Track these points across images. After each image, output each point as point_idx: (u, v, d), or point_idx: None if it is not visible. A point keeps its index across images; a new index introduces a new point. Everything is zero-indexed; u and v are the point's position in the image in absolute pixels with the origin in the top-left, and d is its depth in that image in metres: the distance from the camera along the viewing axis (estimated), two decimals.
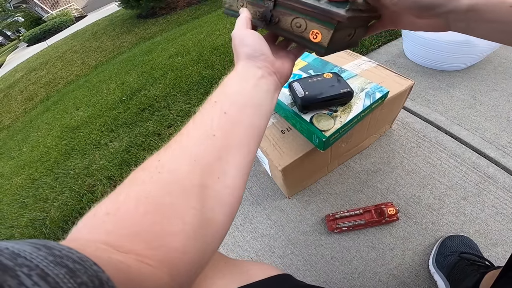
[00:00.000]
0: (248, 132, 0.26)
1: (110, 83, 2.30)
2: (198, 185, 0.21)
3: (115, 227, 0.19)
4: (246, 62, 0.29)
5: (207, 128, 0.24)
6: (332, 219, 0.67)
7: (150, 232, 0.19)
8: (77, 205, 1.12)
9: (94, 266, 0.14)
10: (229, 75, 0.29)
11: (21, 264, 0.12)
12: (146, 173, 0.21)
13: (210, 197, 0.22)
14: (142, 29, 4.05)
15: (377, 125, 0.74)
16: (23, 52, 8.66)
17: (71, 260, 0.13)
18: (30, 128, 2.37)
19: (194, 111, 0.80)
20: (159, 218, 0.19)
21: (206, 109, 0.26)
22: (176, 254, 0.19)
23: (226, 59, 1.65)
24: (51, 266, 0.12)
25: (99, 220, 0.19)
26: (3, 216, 1.34)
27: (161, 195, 0.20)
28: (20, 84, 4.23)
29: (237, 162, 0.24)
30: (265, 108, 0.28)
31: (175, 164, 0.21)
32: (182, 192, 0.20)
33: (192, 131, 0.24)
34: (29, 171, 1.61)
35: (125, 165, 1.18)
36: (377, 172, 0.76)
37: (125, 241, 0.18)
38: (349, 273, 0.61)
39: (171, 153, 0.22)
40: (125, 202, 0.20)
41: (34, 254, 0.13)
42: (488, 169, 0.69)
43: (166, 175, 0.21)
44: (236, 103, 0.26)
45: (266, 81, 0.29)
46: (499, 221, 0.61)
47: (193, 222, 0.20)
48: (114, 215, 0.19)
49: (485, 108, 0.82)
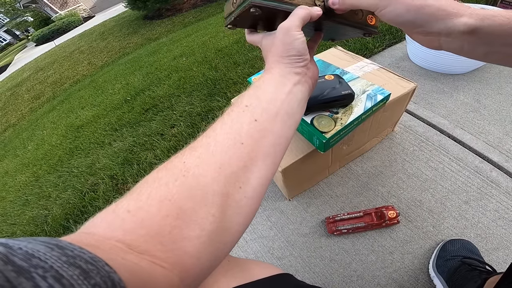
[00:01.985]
0: (276, 142, 0.25)
1: (116, 83, 2.33)
2: (220, 193, 0.21)
3: (134, 226, 0.18)
4: (285, 66, 0.28)
5: (235, 135, 0.23)
6: (332, 221, 0.67)
7: (168, 235, 0.19)
8: (79, 203, 1.13)
9: (106, 266, 0.14)
10: (264, 76, 0.28)
11: (36, 265, 0.12)
12: (170, 174, 0.21)
13: (230, 206, 0.22)
14: (148, 30, 4.10)
15: (379, 128, 0.74)
16: (31, 51, 8.82)
17: (83, 261, 0.13)
18: (35, 127, 2.41)
19: (196, 111, 0.80)
20: (179, 223, 0.19)
21: (236, 112, 0.25)
22: (189, 259, 0.19)
23: (230, 61, 1.66)
24: (65, 267, 0.12)
25: (118, 217, 0.19)
26: (6, 213, 1.36)
27: (184, 199, 0.20)
28: (27, 83, 4.31)
29: (260, 172, 0.23)
30: (296, 118, 0.27)
31: (200, 170, 0.21)
32: (205, 199, 0.20)
33: (220, 136, 0.23)
34: (33, 169, 1.64)
35: (128, 165, 1.19)
36: (378, 175, 0.76)
37: (142, 241, 0.18)
38: (347, 276, 0.61)
39: (198, 157, 0.22)
40: (147, 202, 0.19)
41: (48, 254, 0.13)
42: (491, 174, 0.68)
43: (190, 179, 0.21)
44: (268, 111, 0.25)
45: (301, 88, 0.28)
46: (501, 226, 0.60)
47: (211, 229, 0.20)
48: (135, 214, 0.19)
49: (489, 112, 0.81)
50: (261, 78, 0.28)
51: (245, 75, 1.41)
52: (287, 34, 0.28)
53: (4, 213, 1.38)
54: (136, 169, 1.13)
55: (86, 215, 1.06)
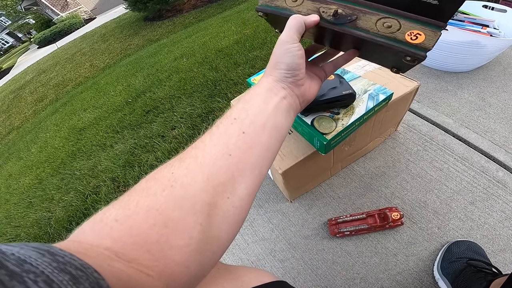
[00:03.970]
0: (263, 154, 0.25)
1: (117, 85, 2.34)
2: (208, 203, 0.21)
3: (122, 234, 0.19)
4: (273, 79, 0.28)
5: (223, 147, 0.23)
6: (334, 223, 0.66)
7: (155, 244, 0.19)
8: (82, 206, 1.14)
9: (95, 273, 0.15)
10: (253, 90, 0.28)
11: (28, 271, 0.12)
12: (158, 184, 0.21)
13: (218, 216, 0.22)
14: (149, 31, 4.11)
15: (382, 128, 0.73)
16: (34, 54, 8.90)
17: (73, 267, 0.14)
18: (39, 129, 2.43)
19: (196, 113, 0.80)
20: (167, 231, 0.19)
21: (225, 125, 0.25)
22: (177, 268, 0.20)
23: (230, 61, 1.65)
24: (55, 273, 0.13)
25: (106, 225, 0.19)
26: (10, 215, 1.37)
27: (171, 209, 0.20)
28: (30, 86, 4.34)
29: (248, 183, 0.24)
30: (282, 131, 0.27)
31: (188, 180, 0.21)
32: (192, 208, 0.21)
33: (209, 147, 0.23)
34: (37, 172, 1.65)
35: (129, 167, 1.19)
36: (381, 176, 0.75)
37: (129, 250, 0.18)
38: (350, 278, 0.60)
39: (186, 168, 0.22)
40: (135, 211, 0.20)
41: (39, 260, 0.13)
42: (497, 173, 0.67)
43: (178, 189, 0.21)
44: (255, 124, 0.25)
45: (287, 103, 0.28)
46: (508, 227, 0.59)
47: (199, 238, 0.20)
48: (123, 223, 0.19)
49: (494, 110, 0.80)
50: (251, 90, 0.28)
51: (246, 76, 1.41)
52: (280, 46, 0.28)
53: (8, 216, 1.39)
54: (137, 171, 1.13)
55: (89, 218, 1.06)
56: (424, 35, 0.25)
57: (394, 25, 0.26)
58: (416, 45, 0.25)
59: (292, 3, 0.31)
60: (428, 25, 0.25)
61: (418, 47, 0.25)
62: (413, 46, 0.25)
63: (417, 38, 0.25)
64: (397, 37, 0.26)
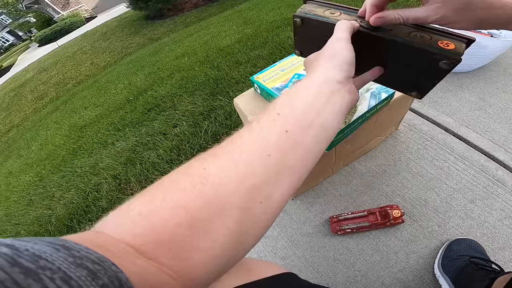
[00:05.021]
0: (305, 156, 0.22)
1: (118, 84, 2.34)
2: (239, 207, 0.20)
3: (144, 231, 0.18)
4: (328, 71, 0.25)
5: (263, 146, 0.21)
6: (335, 221, 0.67)
7: (178, 244, 0.18)
8: (83, 203, 1.14)
9: (113, 266, 0.14)
10: (301, 82, 0.25)
11: (44, 267, 0.11)
12: (188, 180, 0.20)
13: (247, 221, 0.20)
14: (150, 30, 4.11)
15: (383, 127, 0.74)
16: (35, 52, 8.88)
17: (90, 261, 0.13)
18: (39, 127, 2.43)
19: (198, 111, 0.80)
20: (191, 232, 0.18)
21: (266, 120, 0.23)
22: (197, 269, 0.19)
23: (232, 60, 1.66)
24: (72, 268, 0.12)
25: (129, 219, 0.19)
26: (10, 213, 1.37)
27: (199, 209, 0.19)
28: (30, 84, 4.34)
29: (283, 187, 0.22)
30: (330, 133, 0.24)
31: (221, 179, 0.20)
32: (221, 211, 0.19)
33: (246, 144, 0.21)
34: (37, 169, 1.65)
35: (131, 164, 1.20)
36: (382, 174, 0.75)
37: (150, 248, 0.18)
38: (352, 276, 0.61)
39: (220, 165, 0.20)
40: (160, 207, 0.19)
41: (54, 255, 0.12)
42: (497, 172, 0.68)
43: (209, 188, 0.19)
44: (300, 122, 0.22)
45: (340, 100, 0.24)
46: (507, 225, 0.59)
47: (223, 242, 0.19)
48: (147, 218, 0.18)
49: (494, 110, 0.80)
50: (299, 84, 0.25)
51: (247, 74, 1.41)
52: (337, 42, 0.27)
53: (8, 213, 1.39)
54: (139, 169, 1.13)
55: (90, 215, 1.06)
56: (453, 44, 0.28)
57: (425, 37, 0.29)
58: (450, 50, 0.28)
59: (331, 14, 0.35)
60: (453, 39, 0.29)
61: (452, 52, 0.28)
62: (448, 51, 0.28)
63: (448, 46, 0.28)
64: (431, 44, 0.29)
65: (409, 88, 0.36)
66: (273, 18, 2.09)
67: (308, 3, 0.37)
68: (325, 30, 0.32)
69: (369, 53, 0.33)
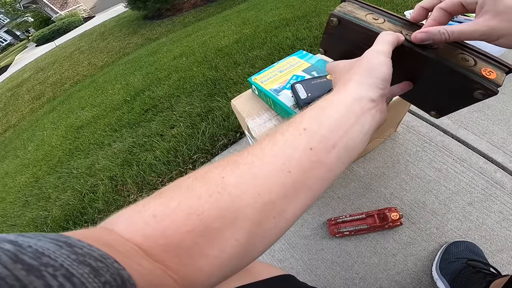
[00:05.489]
0: (324, 175, 0.22)
1: (115, 84, 2.32)
2: (252, 220, 0.20)
3: (156, 234, 0.18)
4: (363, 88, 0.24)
5: (285, 161, 0.21)
6: (334, 223, 0.66)
7: (187, 250, 0.18)
8: (79, 205, 1.13)
9: (115, 263, 0.14)
10: (333, 96, 0.24)
11: (46, 264, 0.11)
12: (205, 188, 0.20)
13: (258, 235, 0.20)
14: (148, 30, 4.10)
15: (381, 129, 0.73)
16: (32, 52, 8.83)
17: (93, 258, 0.13)
18: (36, 127, 2.41)
19: (195, 112, 0.79)
20: (201, 240, 0.18)
21: (292, 134, 0.22)
22: (202, 276, 0.19)
23: (230, 61, 1.65)
24: (75, 265, 0.12)
25: (142, 220, 0.19)
26: (6, 214, 1.36)
27: (213, 218, 0.19)
28: (27, 84, 4.31)
29: (299, 205, 0.21)
30: (353, 153, 0.23)
31: (238, 191, 0.20)
32: (234, 221, 0.19)
33: (268, 158, 0.21)
34: (33, 170, 1.63)
35: (127, 166, 1.18)
36: (381, 176, 0.75)
37: (160, 251, 0.18)
38: (349, 278, 0.60)
39: (238, 176, 0.20)
40: (175, 211, 0.19)
41: (57, 252, 0.12)
42: (496, 174, 0.67)
43: (225, 198, 0.19)
44: (327, 140, 0.21)
45: (370, 120, 0.23)
46: (506, 227, 0.59)
47: (231, 252, 0.19)
48: (160, 222, 0.18)
49: (493, 112, 0.80)
50: (329, 98, 0.24)
51: (245, 75, 1.41)
52: (378, 56, 0.25)
53: (4, 214, 1.38)
54: (135, 170, 1.12)
55: (86, 217, 1.05)
56: (495, 73, 0.28)
57: (470, 61, 0.29)
58: (490, 80, 0.27)
59: (374, 20, 0.32)
60: (497, 67, 0.28)
61: (493, 81, 0.27)
62: (489, 80, 0.27)
63: (490, 74, 0.28)
64: (474, 70, 0.28)
65: (430, 106, 0.35)
66: (272, 19, 2.09)
67: (348, 2, 0.34)
68: (364, 37, 0.31)
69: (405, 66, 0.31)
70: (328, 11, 1.75)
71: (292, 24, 1.83)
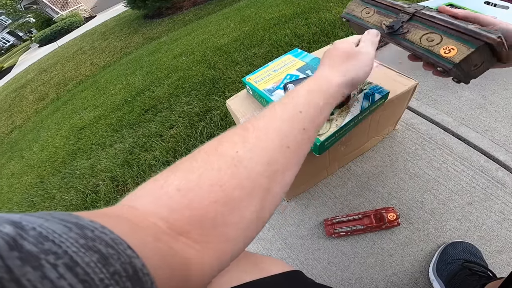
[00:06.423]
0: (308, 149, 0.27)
1: (117, 84, 2.34)
2: (264, 187, 0.23)
3: (181, 207, 0.19)
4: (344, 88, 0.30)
5: (285, 138, 0.25)
6: (330, 223, 0.66)
7: (211, 220, 0.19)
8: (82, 205, 1.15)
9: (128, 250, 0.13)
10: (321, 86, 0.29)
11: (48, 251, 0.10)
12: (223, 161, 0.22)
13: (268, 200, 0.23)
14: (148, 29, 4.09)
15: (379, 127, 0.72)
16: (35, 52, 8.92)
17: (104, 244, 0.12)
18: (40, 128, 2.44)
19: (194, 112, 0.80)
20: (224, 209, 0.20)
21: (291, 114, 0.26)
22: (226, 244, 0.20)
23: (229, 59, 1.64)
24: (81, 252, 0.11)
25: (167, 194, 0.19)
26: None
27: (233, 188, 0.21)
28: (31, 85, 4.36)
29: (293, 172, 0.26)
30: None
31: (252, 163, 0.22)
32: (252, 190, 0.22)
33: (271, 134, 0.25)
34: (38, 171, 1.66)
35: (128, 166, 1.20)
36: (379, 175, 0.74)
37: (184, 223, 0.18)
38: (346, 279, 0.60)
39: (250, 149, 0.23)
40: (198, 184, 0.20)
41: (64, 236, 0.11)
42: (497, 173, 0.66)
43: (242, 170, 0.22)
44: (314, 122, 0.27)
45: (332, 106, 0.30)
46: (506, 228, 0.58)
47: (249, 218, 0.22)
48: (185, 195, 0.19)
49: (495, 109, 0.78)
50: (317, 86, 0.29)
51: (244, 74, 1.40)
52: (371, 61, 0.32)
53: None
54: (136, 171, 1.13)
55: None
56: (456, 50, 0.29)
57: (436, 39, 0.32)
58: (446, 58, 0.30)
59: (365, 15, 0.40)
60: (465, 42, 0.29)
61: (447, 60, 0.30)
62: (443, 59, 0.30)
63: (449, 52, 0.30)
64: (433, 50, 0.31)
65: None
66: (271, 16, 2.06)
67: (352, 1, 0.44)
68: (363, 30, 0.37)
69: None
70: (327, 7, 1.71)
71: (291, 21, 1.80)
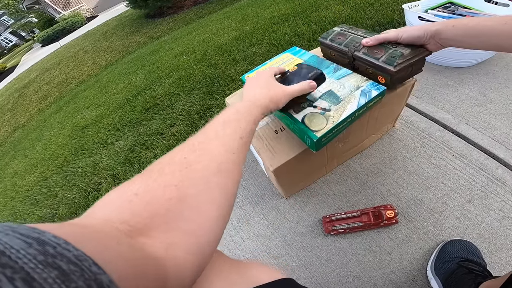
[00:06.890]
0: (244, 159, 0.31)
1: (119, 83, 2.35)
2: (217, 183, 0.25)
3: (140, 208, 0.20)
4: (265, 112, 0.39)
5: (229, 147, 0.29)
6: (328, 221, 0.66)
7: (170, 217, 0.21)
8: (84, 203, 1.16)
9: (93, 266, 0.13)
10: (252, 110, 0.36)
11: (4, 265, 0.10)
12: (174, 167, 0.24)
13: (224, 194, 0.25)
14: (150, 28, 4.10)
15: (378, 125, 0.72)
16: (38, 52, 8.97)
17: (65, 260, 0.12)
18: (43, 127, 2.46)
19: (194, 110, 0.83)
20: (181, 206, 0.22)
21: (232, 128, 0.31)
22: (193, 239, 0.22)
23: (229, 58, 1.64)
24: (39, 269, 0.11)
25: (126, 200, 0.21)
26: (15, 212, 1.40)
27: (187, 186, 0.23)
28: (34, 84, 4.39)
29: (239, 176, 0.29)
30: None
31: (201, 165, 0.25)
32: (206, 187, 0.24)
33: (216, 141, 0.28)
34: (41, 169, 1.68)
35: (129, 164, 1.21)
36: (378, 173, 0.74)
37: (146, 222, 0.20)
38: (344, 276, 0.60)
39: (198, 155, 0.26)
40: (154, 187, 0.22)
41: (21, 252, 0.11)
42: (497, 171, 0.66)
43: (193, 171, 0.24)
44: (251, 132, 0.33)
45: None
46: (506, 226, 0.58)
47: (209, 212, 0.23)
48: (142, 198, 0.21)
49: (495, 106, 0.78)
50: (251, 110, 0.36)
51: (244, 72, 1.40)
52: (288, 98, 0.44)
53: (14, 213, 1.42)
54: (137, 169, 1.14)
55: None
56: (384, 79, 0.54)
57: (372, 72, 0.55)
58: (383, 84, 0.54)
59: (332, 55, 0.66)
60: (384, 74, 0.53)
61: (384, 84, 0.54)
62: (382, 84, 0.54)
63: (382, 80, 0.55)
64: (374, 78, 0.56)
65: None
66: (271, 14, 2.06)
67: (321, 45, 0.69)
68: None
69: None
70: (327, 6, 1.71)
71: (291, 19, 1.80)
